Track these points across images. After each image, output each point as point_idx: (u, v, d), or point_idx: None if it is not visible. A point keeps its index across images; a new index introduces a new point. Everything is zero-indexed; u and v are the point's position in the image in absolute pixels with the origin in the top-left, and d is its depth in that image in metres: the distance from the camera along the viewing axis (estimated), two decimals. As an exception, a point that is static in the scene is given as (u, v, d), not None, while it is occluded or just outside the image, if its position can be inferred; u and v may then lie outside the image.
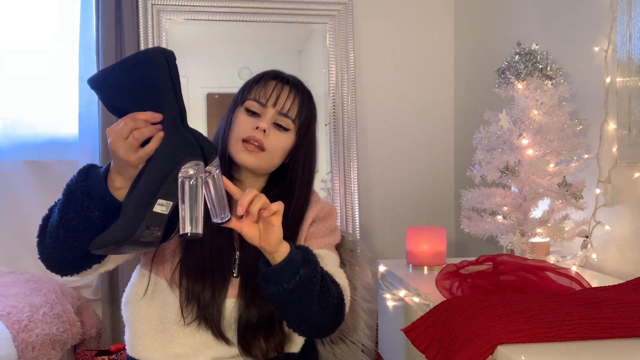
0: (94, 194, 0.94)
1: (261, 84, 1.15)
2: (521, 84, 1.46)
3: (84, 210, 0.94)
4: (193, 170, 0.88)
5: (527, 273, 1.14)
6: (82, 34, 2.20)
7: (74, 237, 0.96)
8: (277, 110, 1.12)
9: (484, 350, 0.81)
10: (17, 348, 1.60)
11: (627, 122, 1.37)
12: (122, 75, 0.91)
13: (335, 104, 2.33)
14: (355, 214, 2.32)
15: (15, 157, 2.24)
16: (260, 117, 1.12)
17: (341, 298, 1.08)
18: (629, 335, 0.84)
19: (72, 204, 0.95)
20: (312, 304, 0.99)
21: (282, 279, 0.95)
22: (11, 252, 2.23)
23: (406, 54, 2.44)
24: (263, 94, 1.13)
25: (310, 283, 0.97)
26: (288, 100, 1.13)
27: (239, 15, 2.28)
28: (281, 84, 1.15)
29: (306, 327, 1.05)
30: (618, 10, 1.39)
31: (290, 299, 0.96)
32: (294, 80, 1.18)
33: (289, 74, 1.20)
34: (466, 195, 1.54)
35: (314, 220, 1.19)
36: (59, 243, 0.97)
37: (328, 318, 1.05)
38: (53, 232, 0.97)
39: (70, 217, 0.95)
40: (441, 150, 2.48)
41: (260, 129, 1.10)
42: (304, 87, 1.20)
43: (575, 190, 1.41)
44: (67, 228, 0.95)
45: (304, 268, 0.96)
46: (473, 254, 2.15)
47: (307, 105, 1.17)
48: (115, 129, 0.90)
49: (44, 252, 1.00)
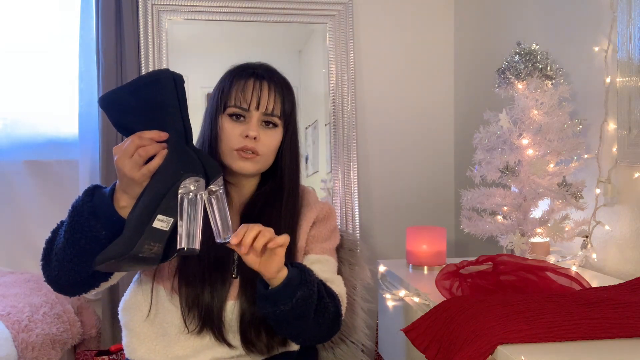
0: (100, 214, 0.95)
1: (238, 86, 1.12)
2: (521, 84, 1.46)
3: (91, 230, 0.95)
4: (193, 187, 0.89)
5: (527, 273, 1.14)
6: (82, 34, 2.20)
7: (81, 258, 0.96)
8: (261, 112, 1.11)
9: (484, 350, 0.81)
10: (17, 348, 1.60)
11: (627, 122, 1.37)
12: (131, 95, 0.93)
13: (335, 104, 2.33)
14: (355, 214, 2.32)
15: (15, 157, 2.24)
16: (246, 120, 1.11)
17: (338, 311, 1.10)
18: (629, 335, 0.84)
19: (79, 224, 0.95)
20: (308, 321, 1.01)
21: (279, 301, 0.96)
22: (11, 252, 2.23)
23: (406, 54, 2.44)
24: (243, 98, 1.10)
25: (306, 303, 0.99)
26: (270, 99, 1.12)
27: (238, 15, 2.28)
28: (259, 82, 1.12)
29: (302, 340, 1.09)
30: (618, 10, 1.39)
31: (287, 318, 0.98)
32: (268, 72, 1.15)
33: (259, 64, 1.17)
34: (466, 195, 1.54)
35: (315, 222, 1.19)
36: (66, 265, 0.97)
37: (325, 331, 1.08)
38: (60, 255, 0.97)
39: (77, 238, 0.95)
40: (441, 150, 2.48)
41: (251, 137, 1.09)
42: (280, 77, 1.17)
43: (575, 190, 1.41)
44: (74, 249, 0.96)
45: (301, 290, 0.97)
46: (473, 254, 2.14)
47: (288, 96, 1.16)
48: (121, 147, 0.91)
49: (51, 275, 1.01)
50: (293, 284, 0.97)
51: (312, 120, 2.45)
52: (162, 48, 2.21)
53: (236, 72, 1.15)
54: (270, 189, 1.17)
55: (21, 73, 2.23)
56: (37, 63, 2.24)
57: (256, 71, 1.14)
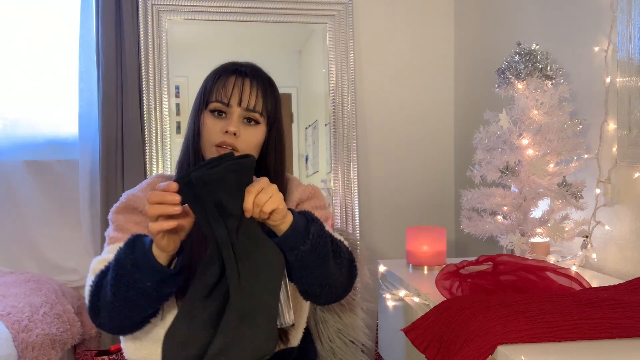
0: (143, 266, 0.94)
1: (220, 82, 1.11)
2: (521, 84, 1.46)
3: (136, 282, 0.95)
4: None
5: (527, 273, 1.14)
6: (82, 34, 2.20)
7: (131, 309, 0.98)
8: (243, 108, 1.10)
9: (484, 350, 0.81)
10: (17, 348, 1.60)
11: (627, 122, 1.37)
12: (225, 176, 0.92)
13: (335, 104, 2.33)
14: (355, 214, 2.32)
15: (15, 157, 2.23)
16: (227, 117, 1.11)
17: (350, 252, 1.10)
18: (629, 335, 0.84)
19: (124, 278, 0.95)
20: (329, 262, 1.00)
21: (297, 242, 0.96)
22: (11, 252, 2.23)
23: (406, 54, 2.44)
24: (224, 94, 1.10)
25: (322, 239, 0.98)
26: (252, 95, 1.11)
27: (238, 15, 2.28)
28: (241, 79, 1.11)
29: (328, 288, 1.06)
30: (618, 10, 1.39)
31: (310, 260, 0.97)
32: (252, 71, 1.14)
33: (246, 62, 1.17)
34: (466, 195, 1.54)
35: (299, 202, 1.20)
36: (116, 316, 0.99)
37: (345, 274, 1.07)
38: (108, 307, 0.99)
39: (124, 291, 0.96)
40: (441, 150, 2.48)
41: (230, 133, 1.08)
42: (264, 75, 1.16)
43: (575, 190, 1.41)
44: (122, 301, 0.97)
45: (312, 226, 0.98)
46: (473, 254, 2.15)
47: (271, 94, 1.14)
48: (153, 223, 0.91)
49: (101, 324, 1.02)
50: (302, 224, 0.97)
51: (312, 120, 2.45)
52: (162, 48, 2.21)
53: (220, 69, 1.15)
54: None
55: (21, 73, 2.23)
56: (37, 63, 2.24)
57: (239, 68, 1.14)
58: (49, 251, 2.23)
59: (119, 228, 1.13)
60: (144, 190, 1.17)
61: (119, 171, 2.16)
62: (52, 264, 2.22)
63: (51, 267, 2.21)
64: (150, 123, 2.19)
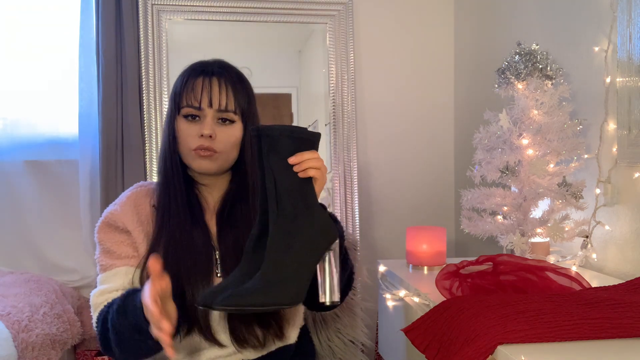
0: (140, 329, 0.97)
1: (189, 85, 1.10)
2: (521, 84, 1.46)
3: (139, 342, 0.99)
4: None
5: (527, 273, 1.14)
6: (82, 34, 2.20)
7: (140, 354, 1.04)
8: (215, 109, 1.10)
9: (484, 350, 0.81)
10: (17, 348, 1.60)
11: (627, 122, 1.37)
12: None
13: (335, 104, 2.33)
14: (355, 214, 2.32)
15: (15, 157, 2.23)
16: (201, 120, 1.10)
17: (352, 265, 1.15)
18: (629, 335, 0.84)
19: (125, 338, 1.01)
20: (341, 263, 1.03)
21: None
22: (11, 252, 2.23)
23: (406, 54, 2.44)
24: (194, 97, 1.09)
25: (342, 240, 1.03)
26: (222, 95, 1.10)
27: (239, 15, 2.28)
28: (208, 79, 1.10)
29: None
30: (618, 10, 1.39)
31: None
32: (220, 68, 1.13)
33: (213, 60, 1.16)
34: (466, 195, 1.54)
35: None
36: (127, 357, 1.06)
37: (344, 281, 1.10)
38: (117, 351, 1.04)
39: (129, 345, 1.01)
40: (441, 150, 2.48)
41: (206, 136, 1.08)
42: (233, 71, 1.15)
43: (575, 190, 1.41)
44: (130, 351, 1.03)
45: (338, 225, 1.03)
46: (473, 254, 2.14)
47: (242, 90, 1.13)
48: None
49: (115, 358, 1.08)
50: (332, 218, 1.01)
51: (312, 120, 2.45)
52: (162, 48, 2.21)
53: (187, 71, 1.14)
54: (237, 185, 1.16)
55: (21, 73, 2.23)
56: (37, 63, 2.23)
57: (206, 69, 1.12)
58: (49, 251, 2.23)
59: (105, 252, 1.13)
60: (123, 206, 1.15)
61: (119, 171, 2.16)
62: (52, 264, 2.22)
63: (51, 267, 2.21)
64: (150, 123, 2.19)
